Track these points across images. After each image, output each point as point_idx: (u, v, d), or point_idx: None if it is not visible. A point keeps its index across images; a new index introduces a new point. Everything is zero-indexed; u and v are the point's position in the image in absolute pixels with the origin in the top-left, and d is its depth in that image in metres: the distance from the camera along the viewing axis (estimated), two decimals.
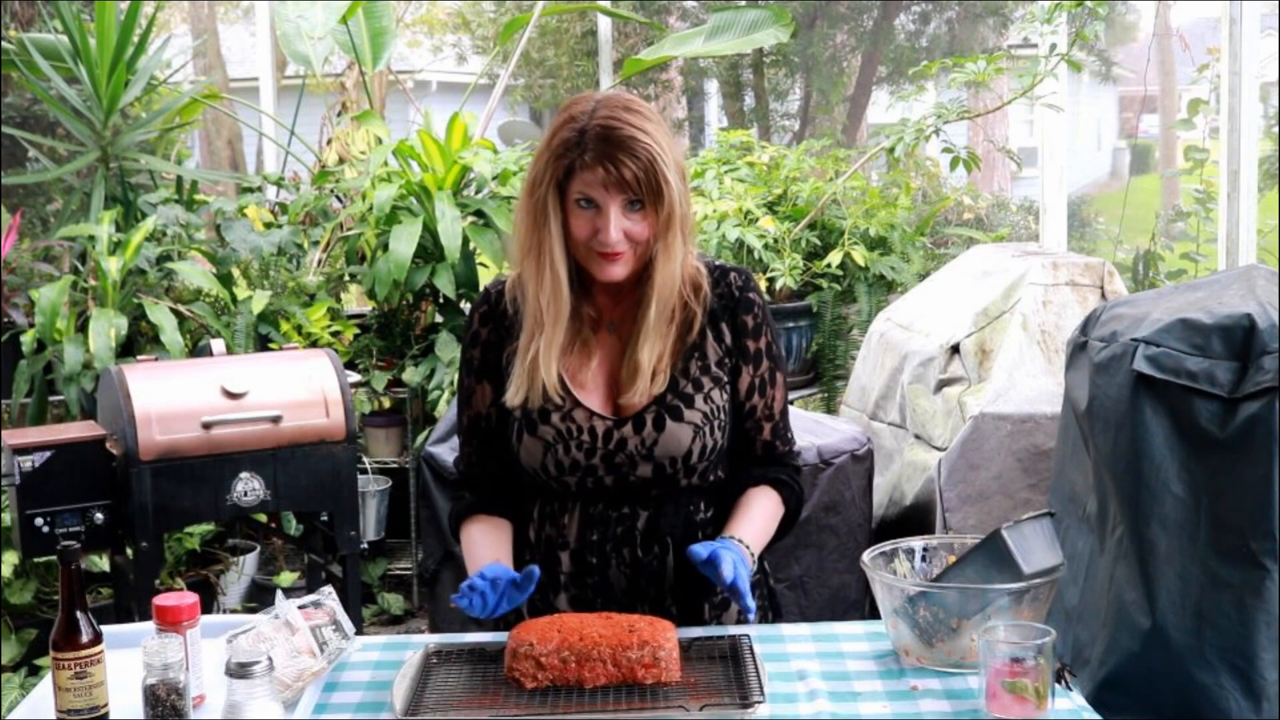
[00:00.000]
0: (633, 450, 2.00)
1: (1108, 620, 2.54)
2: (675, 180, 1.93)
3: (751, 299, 2.08)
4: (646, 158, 1.90)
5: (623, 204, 1.92)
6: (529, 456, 2.03)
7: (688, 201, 1.99)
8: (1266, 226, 5.22)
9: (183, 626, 1.82)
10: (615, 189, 1.91)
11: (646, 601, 2.05)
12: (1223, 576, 2.40)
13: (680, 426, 2.00)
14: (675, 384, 2.01)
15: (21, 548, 3.12)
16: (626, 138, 1.90)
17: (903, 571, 2.01)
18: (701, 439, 2.01)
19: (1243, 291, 2.54)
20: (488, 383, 2.09)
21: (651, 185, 1.91)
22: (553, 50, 8.38)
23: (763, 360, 2.07)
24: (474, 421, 2.12)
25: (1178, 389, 2.44)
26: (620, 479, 2.02)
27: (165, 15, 9.00)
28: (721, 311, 2.06)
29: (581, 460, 2.01)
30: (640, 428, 2.00)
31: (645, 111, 1.95)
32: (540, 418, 2.02)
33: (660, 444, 2.00)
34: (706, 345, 2.04)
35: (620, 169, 1.89)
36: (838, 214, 4.78)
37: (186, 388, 3.22)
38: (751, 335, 2.07)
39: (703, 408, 2.01)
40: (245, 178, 5.35)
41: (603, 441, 2.01)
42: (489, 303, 2.11)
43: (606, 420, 2.01)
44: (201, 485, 3.16)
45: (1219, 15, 4.62)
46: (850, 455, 3.36)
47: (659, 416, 2.00)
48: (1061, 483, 2.80)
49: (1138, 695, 2.47)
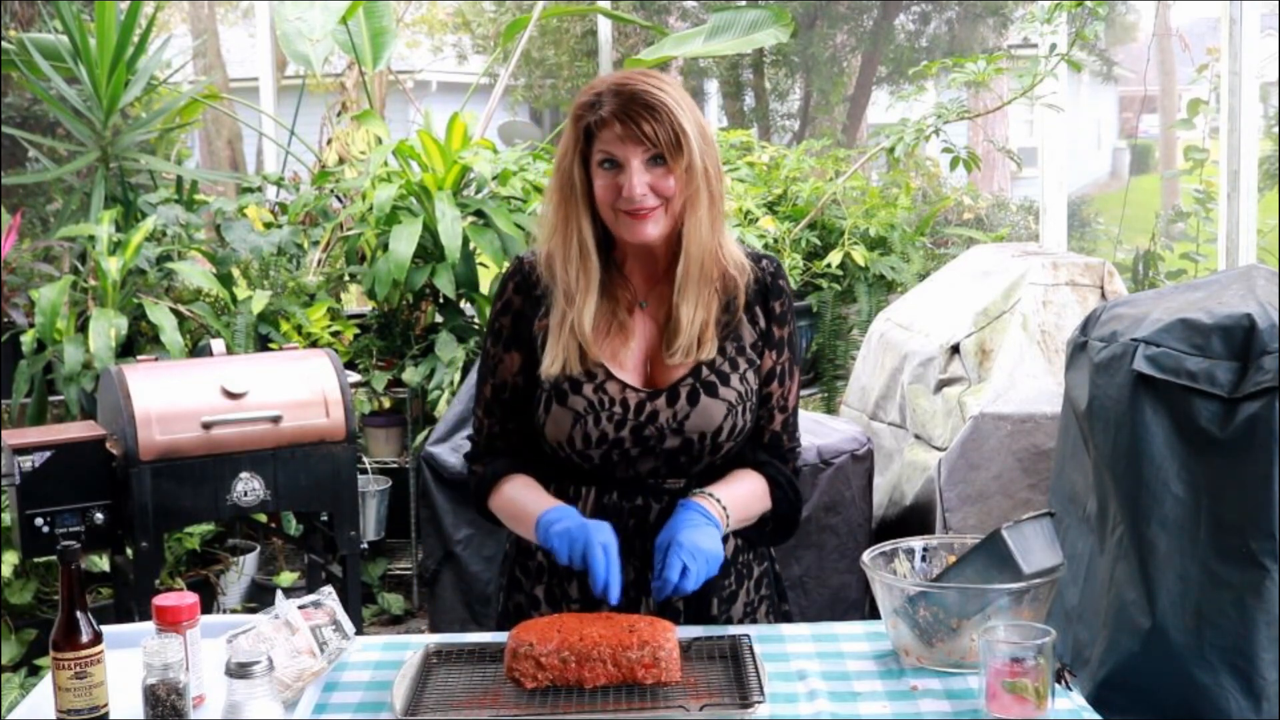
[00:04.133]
0: (664, 423, 2.00)
1: (1108, 620, 2.54)
2: (696, 136, 1.93)
3: (782, 286, 2.09)
4: (664, 111, 1.92)
5: (644, 159, 1.94)
6: (556, 429, 2.02)
7: (716, 166, 1.99)
8: (1266, 226, 5.22)
9: (183, 626, 1.82)
10: (634, 143, 1.93)
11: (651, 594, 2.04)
12: (1223, 576, 2.40)
13: (715, 403, 2.01)
14: (712, 361, 2.02)
15: (21, 548, 3.12)
16: (641, 92, 1.93)
17: (903, 571, 2.01)
18: (733, 418, 2.02)
19: (1243, 291, 2.54)
20: (516, 352, 2.08)
21: (671, 139, 1.92)
22: (553, 50, 8.39)
23: (784, 349, 2.08)
24: (497, 391, 2.10)
25: (1178, 389, 2.44)
26: (647, 452, 2.01)
27: (165, 15, 9.00)
28: (754, 295, 2.07)
29: (610, 432, 2.00)
30: (674, 400, 2.01)
31: (664, 77, 1.98)
32: (572, 388, 2.01)
33: (693, 418, 2.00)
34: (743, 328, 2.06)
35: (638, 123, 1.91)
36: (838, 214, 4.78)
37: (186, 388, 3.22)
38: (778, 322, 2.08)
39: (738, 387, 2.03)
40: (245, 178, 5.35)
41: (634, 413, 2.00)
42: (522, 272, 2.09)
43: (640, 392, 2.01)
44: (201, 485, 3.16)
45: (1219, 15, 4.63)
46: (850, 455, 3.36)
47: (694, 390, 2.01)
48: (1061, 483, 2.80)
49: (1138, 695, 2.47)
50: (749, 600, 2.12)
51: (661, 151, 1.93)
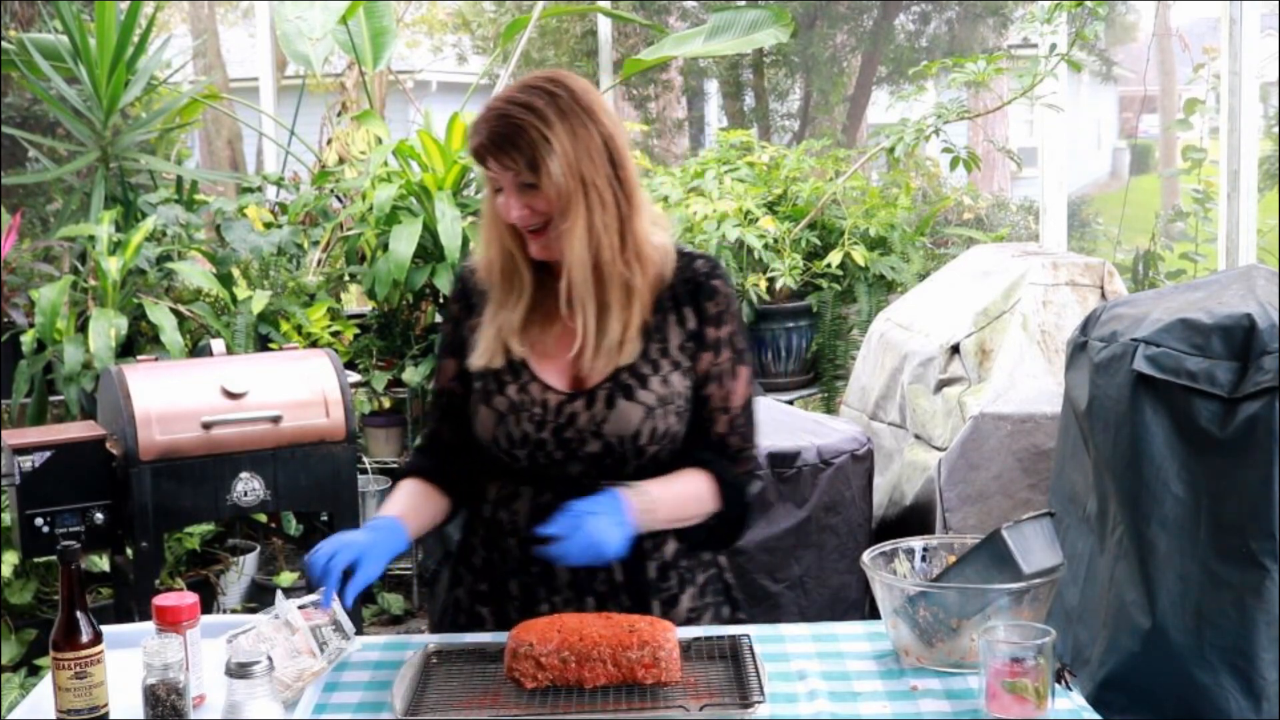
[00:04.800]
0: (583, 426, 2.01)
1: (1108, 620, 2.54)
2: (563, 158, 1.93)
3: (715, 286, 2.06)
4: (524, 136, 1.93)
5: (516, 184, 1.96)
6: (483, 428, 2.06)
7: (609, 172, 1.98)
8: (1266, 226, 5.22)
9: (183, 626, 1.82)
10: (502, 171, 1.96)
11: (592, 595, 2.06)
12: (1223, 576, 2.40)
13: (631, 406, 2.01)
14: (633, 364, 2.02)
15: (21, 548, 3.12)
16: (504, 117, 1.94)
17: (903, 571, 2.01)
18: (653, 421, 2.01)
19: (1243, 291, 2.54)
20: (453, 358, 2.13)
21: (529, 163, 1.93)
22: (553, 50, 8.38)
23: (723, 350, 2.06)
24: (439, 396, 2.16)
25: (1178, 389, 2.44)
26: (570, 456, 2.03)
27: (165, 15, 9.00)
28: (685, 296, 2.05)
29: (532, 433, 2.02)
30: (592, 404, 2.02)
31: (550, 88, 1.97)
32: (497, 387, 2.05)
33: (610, 422, 2.00)
34: (668, 328, 2.05)
35: (499, 154, 1.94)
36: (838, 214, 4.78)
37: (186, 388, 3.23)
38: (713, 322, 2.06)
39: (659, 390, 2.02)
40: (245, 178, 5.35)
41: (554, 414, 2.02)
42: (462, 281, 2.16)
43: (560, 394, 2.03)
44: (201, 485, 3.16)
45: (1219, 15, 4.62)
46: (850, 455, 3.36)
47: (611, 394, 2.01)
48: (1061, 483, 2.80)
49: (1138, 695, 2.47)
50: (693, 606, 2.11)
51: (530, 180, 1.95)
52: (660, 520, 2.01)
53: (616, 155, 1.99)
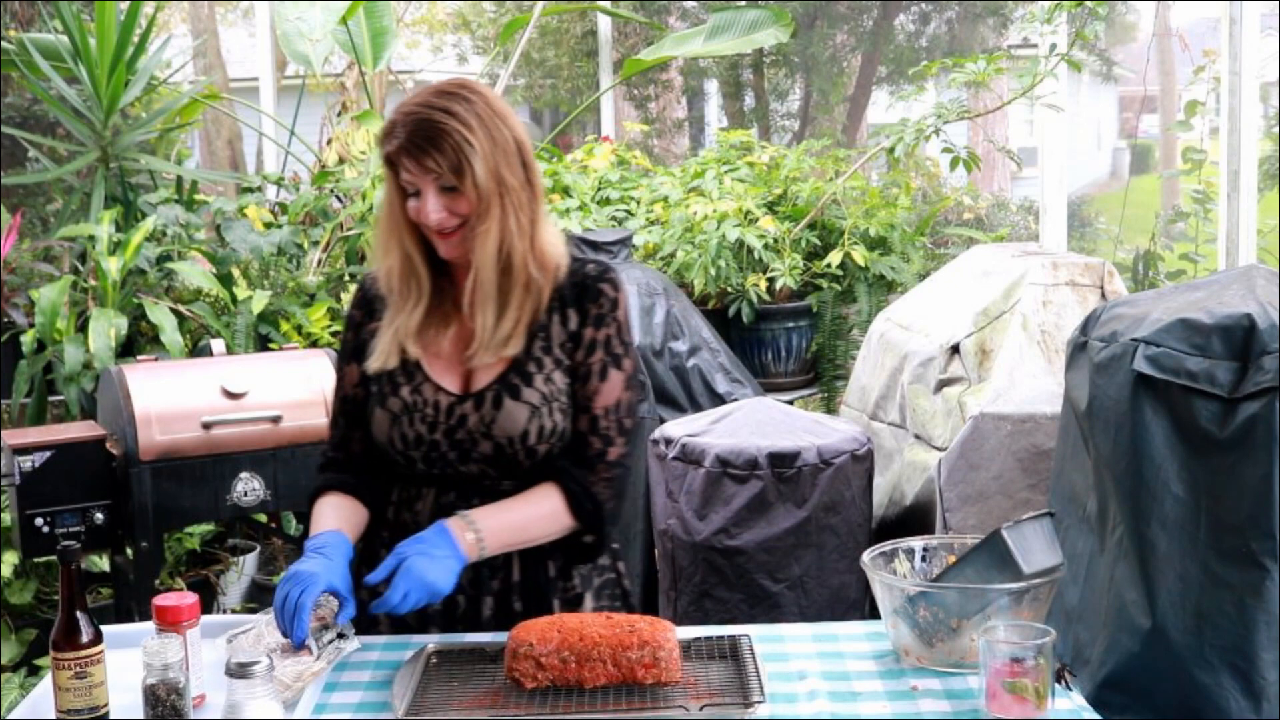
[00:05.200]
0: (473, 427, 2.04)
1: (1108, 620, 2.54)
2: (485, 161, 1.96)
3: (602, 289, 2.09)
4: (448, 138, 1.95)
5: (436, 186, 1.98)
6: (378, 430, 2.08)
7: (522, 175, 2.02)
8: (1266, 226, 5.21)
9: (183, 626, 1.82)
10: (423, 173, 1.97)
11: (491, 595, 2.08)
12: (1223, 576, 2.39)
13: (517, 405, 2.03)
14: (520, 363, 2.05)
15: (21, 548, 3.13)
16: (426, 121, 1.96)
17: (903, 571, 2.01)
18: (539, 419, 2.03)
19: (1243, 291, 2.54)
20: (355, 364, 2.15)
21: (454, 165, 1.96)
22: (553, 50, 8.37)
23: (596, 350, 2.08)
24: (342, 403, 2.18)
25: (1178, 389, 2.44)
26: (464, 456, 2.05)
27: (165, 15, 9.00)
28: (571, 297, 2.08)
29: (425, 434, 2.05)
30: (480, 405, 2.04)
31: (464, 93, 2.00)
32: (391, 389, 2.07)
33: (499, 421, 2.03)
34: (552, 326, 2.08)
35: (422, 155, 1.96)
36: (838, 214, 4.78)
37: (186, 388, 3.23)
38: (593, 323, 2.08)
39: (542, 388, 2.04)
40: (245, 178, 5.35)
41: (445, 416, 2.05)
42: (363, 289, 2.19)
43: (451, 395, 2.06)
44: (201, 485, 3.16)
45: (1219, 15, 4.62)
46: (850, 455, 3.36)
47: (498, 395, 2.04)
48: (1061, 483, 2.80)
49: (1138, 695, 2.47)
50: (595, 606, 2.14)
51: (452, 182, 1.97)
52: (497, 547, 2.01)
53: (526, 159, 2.04)
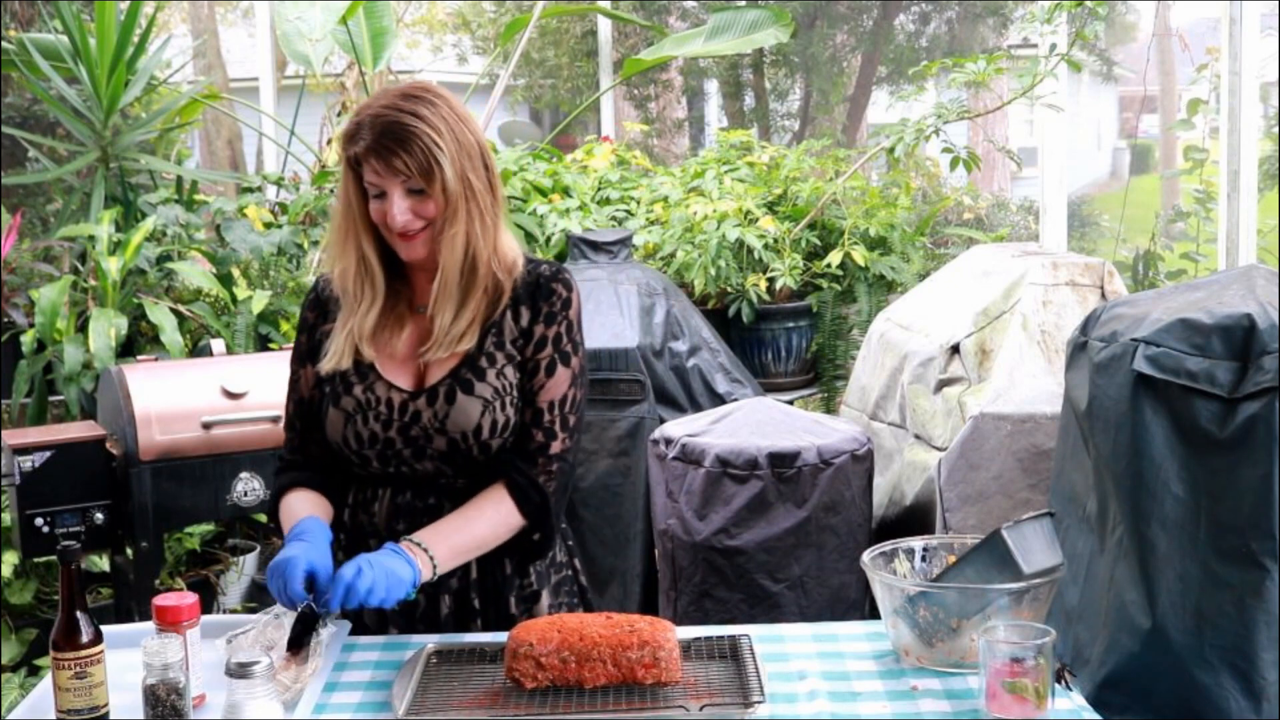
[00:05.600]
0: (427, 424, 2.05)
1: (1108, 620, 2.54)
2: (453, 157, 1.98)
3: (554, 288, 2.11)
4: (416, 141, 1.96)
5: (403, 188, 1.99)
6: (332, 430, 2.10)
7: (485, 177, 2.04)
8: (1266, 226, 5.21)
9: (183, 626, 1.82)
10: (391, 175, 1.98)
11: (449, 594, 2.09)
12: (1223, 576, 2.39)
13: (470, 400, 2.04)
14: (473, 359, 2.06)
15: (21, 548, 3.13)
16: (394, 124, 1.97)
17: (903, 571, 2.01)
18: (492, 414, 2.05)
19: (1243, 291, 2.54)
20: (310, 366, 2.16)
21: (423, 167, 1.97)
22: (553, 50, 8.37)
23: (545, 346, 2.09)
24: (298, 406, 2.19)
25: (1178, 389, 2.44)
26: (419, 454, 2.06)
27: (165, 15, 9.00)
28: (525, 295, 2.10)
29: (379, 432, 2.06)
30: (434, 400, 2.05)
31: (429, 97, 2.02)
32: (344, 389, 2.09)
33: (451, 418, 2.04)
34: (505, 323, 2.09)
35: (391, 157, 1.97)
36: (838, 214, 4.78)
37: (186, 388, 3.23)
38: (544, 320, 2.09)
39: (494, 383, 2.06)
40: (245, 178, 5.35)
41: (399, 413, 2.06)
42: (316, 291, 2.20)
43: (404, 392, 2.07)
44: (201, 485, 3.17)
45: (1219, 15, 4.62)
46: (850, 455, 3.36)
47: (451, 389, 2.05)
48: (1061, 483, 2.80)
49: (1138, 695, 2.47)
50: (553, 604, 2.16)
51: (420, 184, 1.98)
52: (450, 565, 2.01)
53: (489, 162, 2.06)
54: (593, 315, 3.90)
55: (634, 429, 3.83)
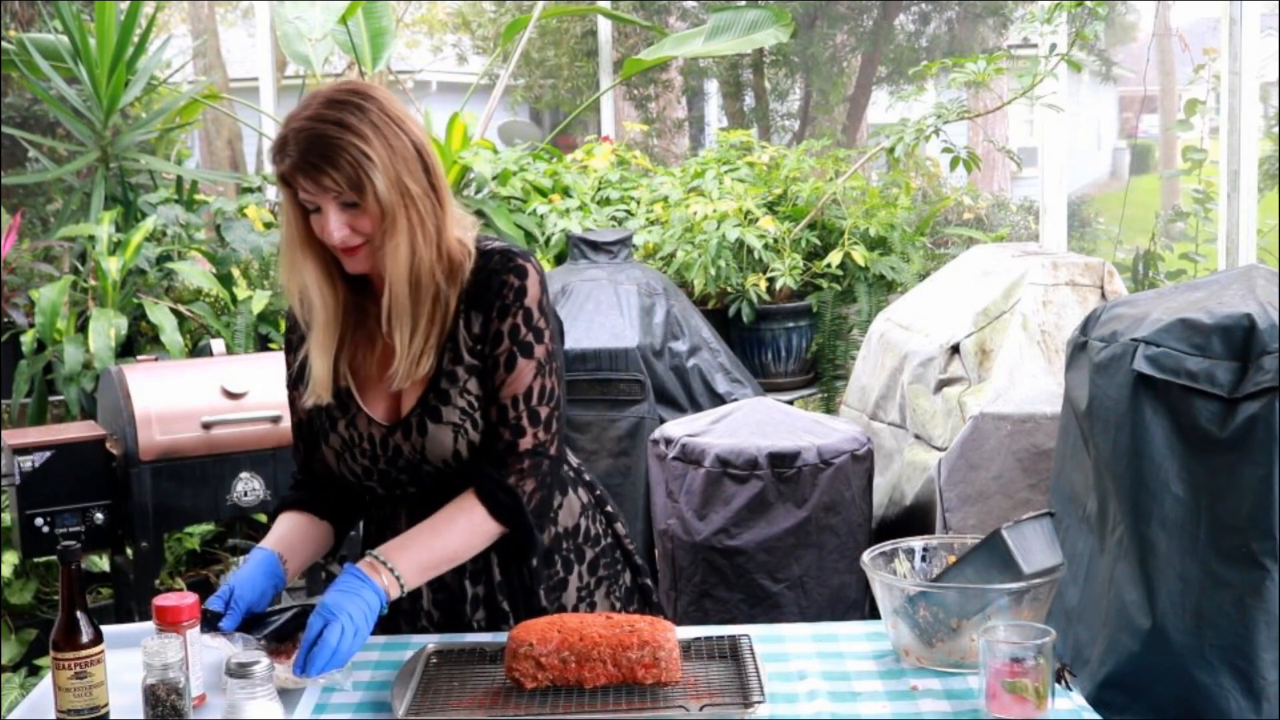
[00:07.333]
0: (408, 456, 2.00)
1: (1108, 620, 2.54)
2: (385, 173, 1.87)
3: (505, 280, 1.97)
4: (343, 154, 1.85)
5: (336, 203, 1.89)
6: (330, 463, 2.07)
7: (424, 182, 1.92)
8: (1266, 226, 5.21)
9: (183, 626, 1.82)
10: (322, 193, 1.88)
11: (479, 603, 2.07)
12: (1223, 576, 2.39)
13: (440, 429, 1.97)
14: (435, 381, 1.98)
15: (21, 548, 3.13)
16: (319, 137, 1.87)
17: (903, 571, 2.01)
18: (465, 436, 1.97)
19: (1243, 291, 2.54)
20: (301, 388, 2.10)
21: (353, 181, 1.86)
22: (553, 50, 8.37)
23: (502, 341, 1.97)
24: (298, 426, 2.14)
25: (1178, 389, 2.44)
26: (415, 478, 2.02)
27: (165, 16, 9.00)
28: (475, 297, 1.98)
29: (370, 466, 2.03)
30: (409, 434, 1.99)
31: (355, 100, 1.90)
32: (329, 424, 2.04)
33: (427, 448, 1.98)
34: (459, 334, 1.98)
35: (318, 174, 1.86)
36: (838, 214, 4.78)
37: (186, 388, 3.23)
38: (497, 315, 1.97)
39: (459, 403, 1.97)
40: (245, 178, 5.35)
41: (380, 449, 2.01)
42: (291, 314, 2.10)
43: (382, 427, 2.01)
44: (201, 485, 3.17)
45: (1219, 15, 4.62)
46: (850, 455, 3.36)
47: (421, 421, 1.98)
48: (1061, 483, 2.80)
49: (1138, 695, 2.47)
50: (582, 585, 2.12)
51: (352, 199, 1.88)
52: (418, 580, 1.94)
53: (429, 162, 1.94)
54: (593, 315, 3.90)
55: (634, 429, 3.83)
